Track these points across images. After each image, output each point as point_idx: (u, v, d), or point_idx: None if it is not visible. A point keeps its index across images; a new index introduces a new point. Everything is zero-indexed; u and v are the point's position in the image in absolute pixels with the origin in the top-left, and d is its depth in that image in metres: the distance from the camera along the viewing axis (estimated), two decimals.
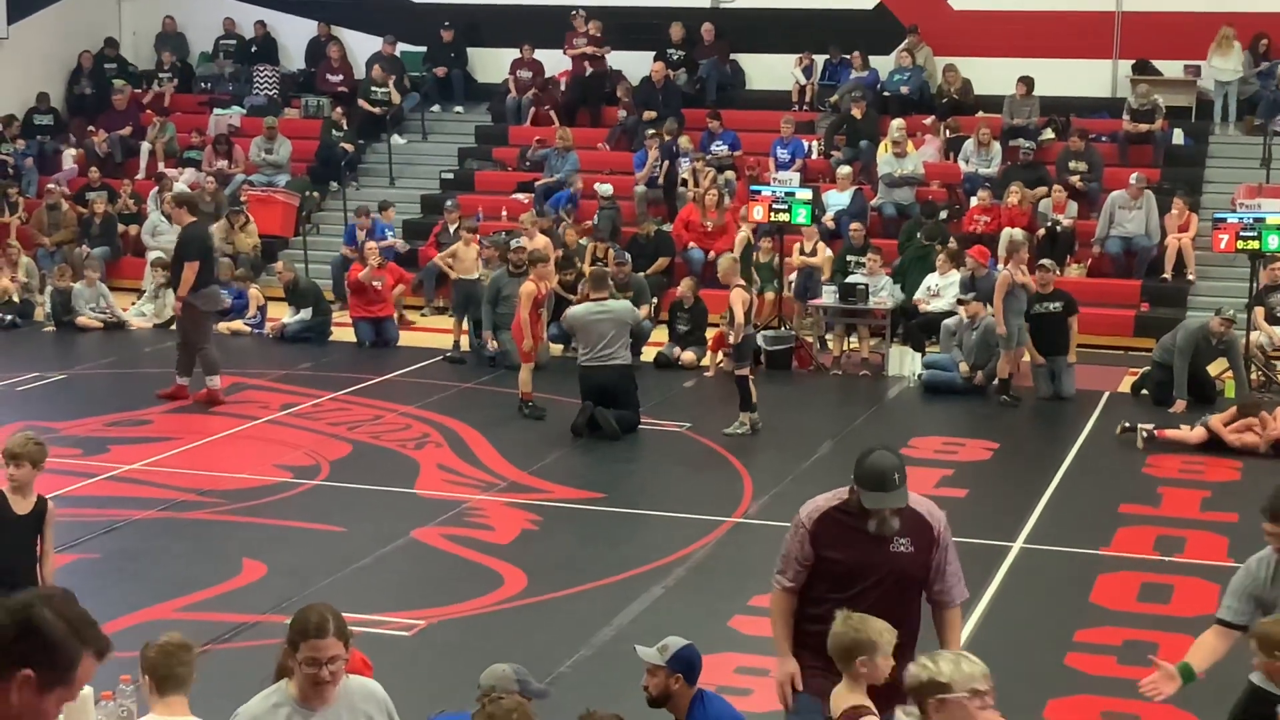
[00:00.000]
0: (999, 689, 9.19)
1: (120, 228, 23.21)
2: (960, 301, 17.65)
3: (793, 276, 19.37)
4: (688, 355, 18.00)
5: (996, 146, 22.05)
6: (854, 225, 19.77)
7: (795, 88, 24.32)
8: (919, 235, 19.98)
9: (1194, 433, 14.67)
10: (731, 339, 15.03)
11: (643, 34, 24.83)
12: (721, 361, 17.35)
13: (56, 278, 20.47)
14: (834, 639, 5.88)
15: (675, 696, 6.35)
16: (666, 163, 22.61)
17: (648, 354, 18.32)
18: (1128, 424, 15.03)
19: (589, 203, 22.40)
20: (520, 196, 22.95)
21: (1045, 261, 17.32)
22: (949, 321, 17.43)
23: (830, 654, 5.92)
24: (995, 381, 16.69)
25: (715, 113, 23.32)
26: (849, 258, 19.26)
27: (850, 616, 5.93)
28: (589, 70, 24.75)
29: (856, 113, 22.80)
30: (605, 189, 22.19)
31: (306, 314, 19.57)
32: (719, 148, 22.91)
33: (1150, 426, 14.80)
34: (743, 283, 15.13)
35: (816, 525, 6.45)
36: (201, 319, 15.80)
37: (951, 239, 19.93)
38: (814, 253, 19.47)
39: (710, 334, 17.92)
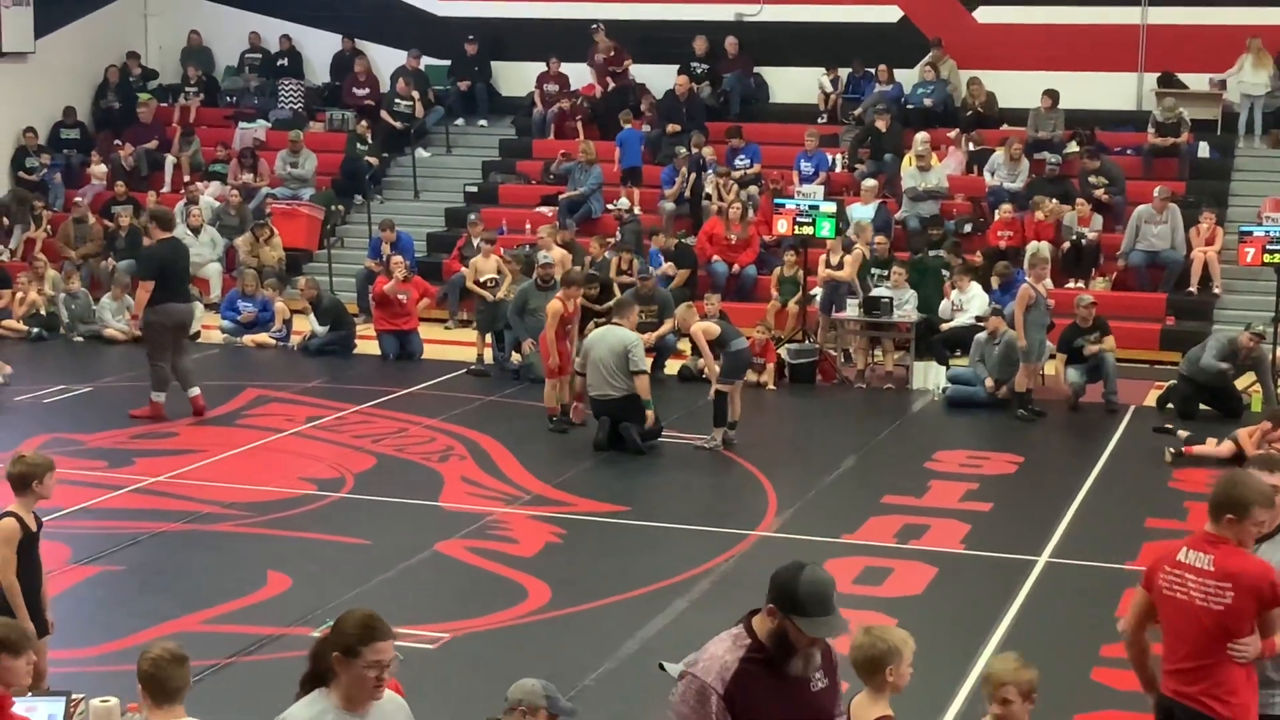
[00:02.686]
0: None
1: (145, 240, 23.25)
2: (980, 318, 17.62)
3: (817, 290, 19.33)
4: (713, 366, 17.97)
5: (1025, 161, 22.00)
6: (878, 238, 19.71)
7: (821, 98, 24.31)
8: (930, 248, 19.96)
9: (1222, 447, 14.62)
10: (708, 371, 15.22)
11: (666, 47, 24.85)
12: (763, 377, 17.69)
13: (66, 280, 20.58)
14: (858, 651, 5.92)
15: None
16: (693, 175, 22.63)
17: (671, 367, 18.32)
18: (1166, 424, 14.96)
19: (608, 216, 22.57)
20: (544, 209, 22.98)
21: (1085, 297, 17.23)
22: (981, 336, 17.33)
23: (854, 666, 5.92)
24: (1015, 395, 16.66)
25: (736, 129, 23.28)
26: (872, 270, 19.22)
27: (871, 628, 5.97)
28: (611, 85, 24.78)
29: (881, 126, 22.78)
30: (622, 203, 22.25)
31: (324, 330, 19.56)
32: (742, 161, 22.91)
33: (1185, 435, 14.73)
34: (702, 324, 15.45)
35: (732, 687, 5.13)
36: (158, 335, 15.75)
37: (963, 254, 19.94)
38: (840, 266, 19.45)
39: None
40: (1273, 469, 6.56)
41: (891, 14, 24.47)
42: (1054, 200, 20.80)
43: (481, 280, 19.21)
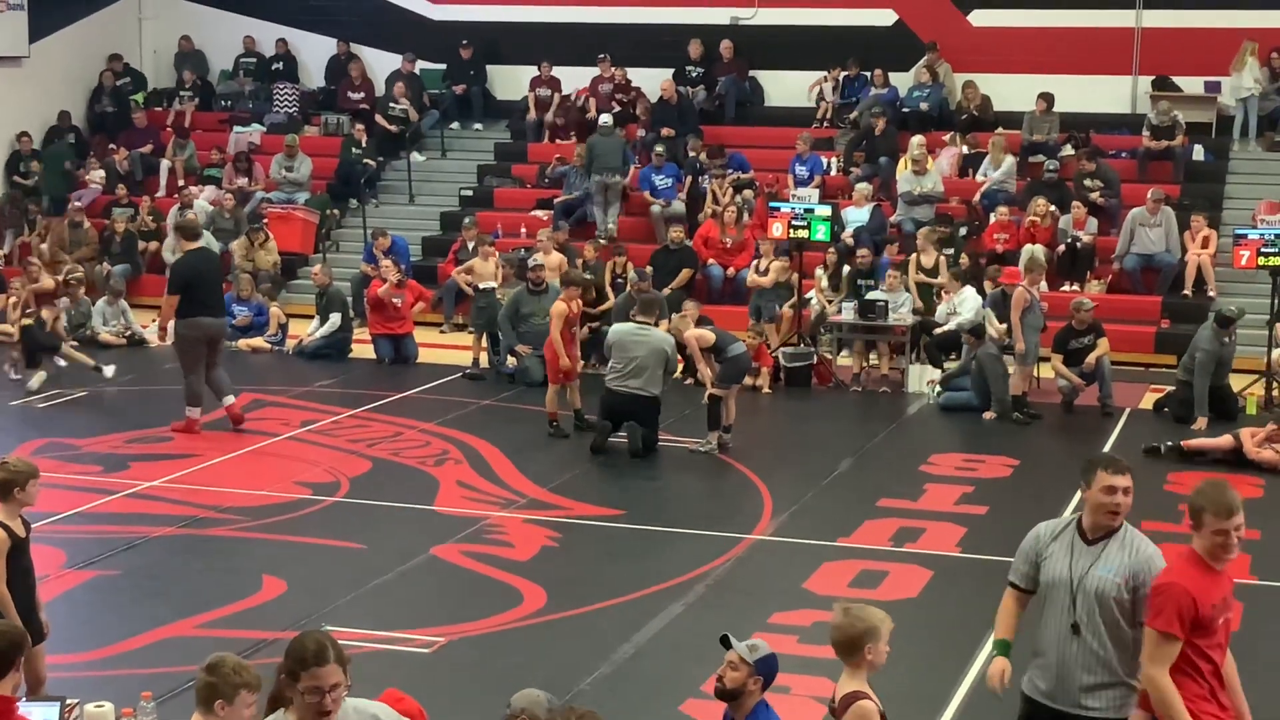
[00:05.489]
0: (1019, 708, 9.12)
1: (140, 245, 23.28)
2: (964, 330, 17.55)
3: (811, 294, 19.39)
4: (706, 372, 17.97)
5: (1009, 158, 22.01)
6: (861, 251, 19.66)
7: (822, 104, 24.30)
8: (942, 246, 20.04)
9: (1221, 440, 14.65)
10: (708, 375, 15.19)
11: (661, 51, 24.86)
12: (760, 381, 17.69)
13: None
14: (837, 631, 6.11)
15: (746, 696, 6.38)
16: (689, 179, 22.63)
17: None
18: (1154, 444, 14.95)
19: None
20: (539, 213, 22.98)
21: (1084, 301, 17.19)
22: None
23: (834, 645, 6.12)
24: (1010, 398, 16.66)
25: (718, 148, 23.15)
26: (859, 281, 19.21)
27: (850, 608, 6.14)
28: (616, 109, 24.76)
29: (878, 129, 22.76)
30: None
31: (336, 319, 19.55)
32: (730, 173, 22.88)
33: (1170, 444, 14.75)
34: (696, 331, 15.43)
35: None
36: (189, 348, 15.45)
37: (964, 256, 19.97)
38: (765, 272, 19.59)
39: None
40: (1118, 470, 6.48)
41: (886, 17, 24.49)
42: (1042, 200, 20.81)
43: (480, 287, 19.17)
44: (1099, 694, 6.37)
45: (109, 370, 17.89)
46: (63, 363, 17.90)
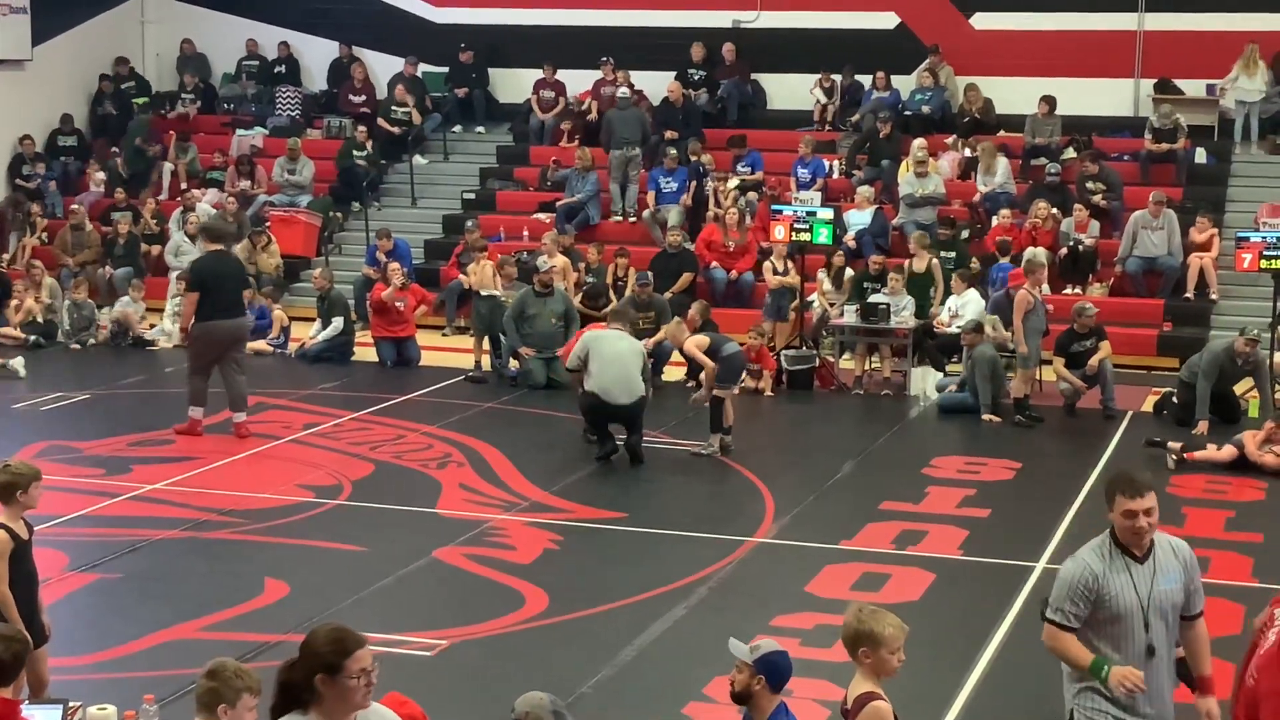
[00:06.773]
0: (1022, 710, 9.14)
1: (143, 247, 23.29)
2: (963, 330, 17.54)
3: (813, 298, 19.41)
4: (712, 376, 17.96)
5: (1002, 161, 22.00)
6: (875, 257, 19.66)
7: (818, 107, 24.31)
8: (941, 249, 20.01)
9: (1223, 451, 14.63)
10: (705, 375, 15.22)
11: (663, 54, 24.86)
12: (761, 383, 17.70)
13: (74, 290, 20.64)
14: (843, 629, 6.12)
15: (756, 698, 6.36)
16: (693, 182, 22.64)
17: (672, 374, 18.29)
18: (1157, 439, 14.98)
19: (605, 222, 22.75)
20: (542, 216, 23.00)
21: (1088, 306, 17.16)
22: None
23: (842, 642, 6.15)
24: (1011, 401, 16.67)
25: (740, 137, 23.21)
26: (865, 284, 19.22)
27: (862, 609, 6.12)
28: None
29: (883, 133, 22.73)
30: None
31: (338, 323, 19.55)
32: (744, 169, 22.89)
33: (1179, 446, 14.73)
34: (694, 338, 15.39)
35: None
36: (200, 350, 15.47)
37: (973, 259, 19.97)
38: (786, 272, 19.56)
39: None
40: (1135, 492, 6.14)
41: (889, 20, 24.51)
42: (1043, 203, 20.83)
43: (481, 293, 19.14)
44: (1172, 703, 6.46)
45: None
46: None
